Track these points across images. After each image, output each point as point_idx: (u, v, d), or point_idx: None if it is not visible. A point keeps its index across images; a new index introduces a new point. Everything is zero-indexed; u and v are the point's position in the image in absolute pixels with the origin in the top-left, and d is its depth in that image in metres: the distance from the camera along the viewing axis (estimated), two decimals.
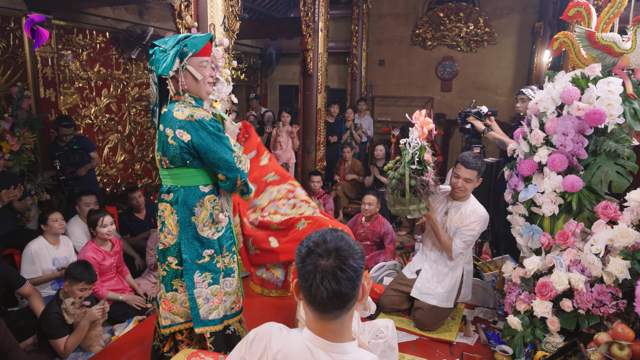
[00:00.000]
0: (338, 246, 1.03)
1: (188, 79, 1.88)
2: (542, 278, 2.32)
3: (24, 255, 3.16)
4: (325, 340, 1.07)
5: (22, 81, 4.19)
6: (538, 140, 2.52)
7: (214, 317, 2.01)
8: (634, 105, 2.30)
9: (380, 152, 5.68)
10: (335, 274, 1.01)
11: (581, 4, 2.51)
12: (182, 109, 1.83)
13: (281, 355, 1.09)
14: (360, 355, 1.09)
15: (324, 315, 1.06)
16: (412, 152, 2.46)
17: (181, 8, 3.02)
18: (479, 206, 2.73)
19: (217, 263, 2.01)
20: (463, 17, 7.35)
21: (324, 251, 1.03)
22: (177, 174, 1.92)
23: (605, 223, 2.20)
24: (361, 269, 1.05)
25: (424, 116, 2.48)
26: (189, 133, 1.81)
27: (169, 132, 1.84)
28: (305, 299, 1.07)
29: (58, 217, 3.26)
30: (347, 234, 1.10)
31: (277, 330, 1.14)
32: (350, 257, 1.03)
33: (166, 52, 1.84)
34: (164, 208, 1.95)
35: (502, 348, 2.41)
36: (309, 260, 1.03)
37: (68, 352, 2.57)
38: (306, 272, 1.03)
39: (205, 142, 1.82)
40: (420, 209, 2.53)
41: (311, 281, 1.02)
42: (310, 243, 1.05)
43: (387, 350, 2.17)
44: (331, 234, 1.07)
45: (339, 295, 1.01)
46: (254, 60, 8.51)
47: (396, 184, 2.52)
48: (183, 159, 1.87)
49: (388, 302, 2.93)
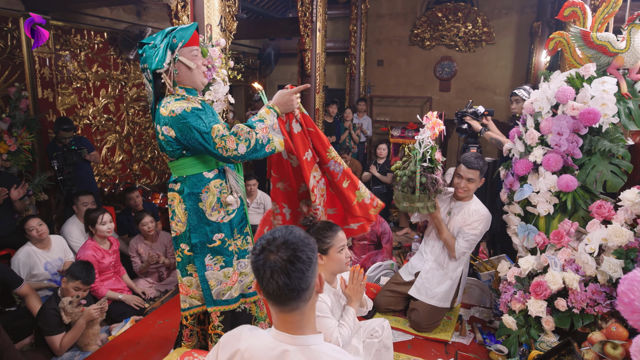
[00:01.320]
0: (286, 240, 1.07)
1: (182, 70, 1.89)
2: (537, 277, 2.32)
3: (12, 264, 3.13)
4: (288, 334, 1.10)
5: (20, 82, 4.19)
6: (533, 140, 2.53)
7: (227, 298, 2.05)
8: (628, 105, 2.30)
9: (383, 152, 5.67)
10: (284, 267, 1.04)
11: (576, 4, 2.51)
12: (167, 105, 1.83)
13: (248, 354, 1.11)
14: (325, 348, 1.11)
15: (282, 307, 1.09)
16: (423, 151, 2.52)
17: (178, 8, 3.02)
18: (482, 206, 2.75)
19: (229, 246, 2.04)
20: (461, 17, 7.35)
21: (274, 247, 1.07)
22: (179, 165, 1.95)
23: (599, 222, 2.21)
24: (310, 260, 1.07)
25: (436, 117, 2.55)
26: (172, 128, 1.81)
27: (159, 129, 1.87)
28: (262, 293, 1.10)
29: (34, 224, 3.14)
30: (298, 228, 1.13)
31: (247, 331, 1.17)
32: (298, 250, 1.06)
33: (156, 47, 1.84)
34: (172, 197, 2.00)
35: (497, 347, 2.42)
36: (261, 257, 1.07)
37: (63, 350, 2.58)
38: (257, 268, 1.07)
39: (187, 136, 1.79)
40: (429, 206, 2.57)
41: (262, 275, 1.06)
42: (263, 241, 1.09)
43: (382, 349, 2.18)
44: (282, 230, 1.10)
45: (290, 287, 1.05)
46: (253, 60, 8.51)
47: (407, 181, 2.56)
48: (178, 151, 1.89)
49: (384, 303, 2.94)
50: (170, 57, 1.84)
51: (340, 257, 1.99)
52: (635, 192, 2.08)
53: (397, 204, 2.67)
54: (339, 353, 1.12)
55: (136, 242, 3.77)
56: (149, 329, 2.81)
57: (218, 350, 1.19)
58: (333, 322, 1.86)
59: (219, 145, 1.77)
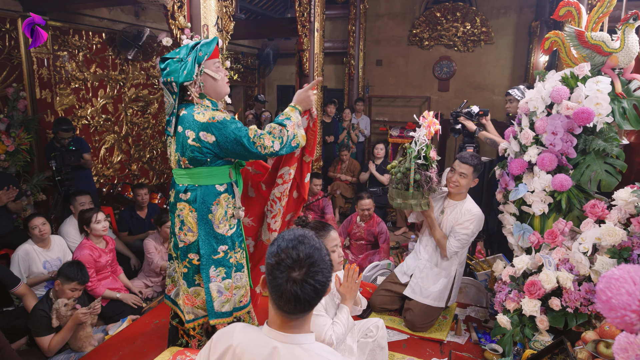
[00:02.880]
0: (311, 261, 1.06)
1: (208, 81, 2.02)
2: (531, 277, 2.32)
3: (12, 260, 3.15)
4: (280, 331, 1.11)
5: (18, 82, 4.20)
6: (528, 140, 2.53)
7: (225, 310, 2.11)
8: (622, 104, 2.30)
9: (380, 151, 5.68)
10: (303, 286, 1.05)
11: (571, 4, 2.52)
12: (203, 112, 1.94)
13: (239, 350, 1.12)
14: (315, 347, 1.12)
15: (287, 315, 1.10)
16: (418, 148, 2.55)
17: (174, 9, 3.03)
18: (474, 206, 2.75)
19: (230, 258, 2.11)
20: (460, 17, 7.35)
21: (296, 263, 1.06)
22: (196, 173, 2.01)
23: (593, 222, 2.21)
24: (328, 282, 1.10)
25: (432, 117, 2.57)
26: (212, 134, 1.91)
27: (190, 134, 1.93)
28: (271, 297, 1.11)
29: (37, 223, 3.15)
30: (320, 243, 1.12)
31: (240, 328, 1.18)
32: (320, 272, 1.07)
33: (182, 61, 1.97)
34: (182, 207, 2.04)
35: (492, 347, 2.42)
36: (279, 273, 1.06)
37: (52, 351, 2.58)
38: (278, 284, 1.06)
39: (228, 138, 1.91)
40: (422, 204, 2.58)
41: (281, 291, 1.06)
42: (281, 253, 1.07)
43: (376, 349, 2.19)
44: (303, 244, 1.08)
45: (304, 302, 1.06)
46: (252, 60, 8.52)
47: (401, 177, 2.59)
48: (204, 159, 1.96)
49: (379, 302, 2.94)
50: (197, 69, 1.97)
51: (334, 257, 1.99)
52: (629, 191, 2.08)
53: (391, 201, 2.70)
54: (328, 353, 1.13)
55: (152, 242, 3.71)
56: (145, 328, 2.82)
57: (211, 346, 1.20)
58: (327, 320, 1.87)
59: (258, 144, 1.92)
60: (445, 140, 7.68)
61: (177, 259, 2.15)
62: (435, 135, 2.60)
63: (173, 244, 2.17)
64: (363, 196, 3.99)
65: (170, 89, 1.99)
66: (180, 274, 2.14)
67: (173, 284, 2.34)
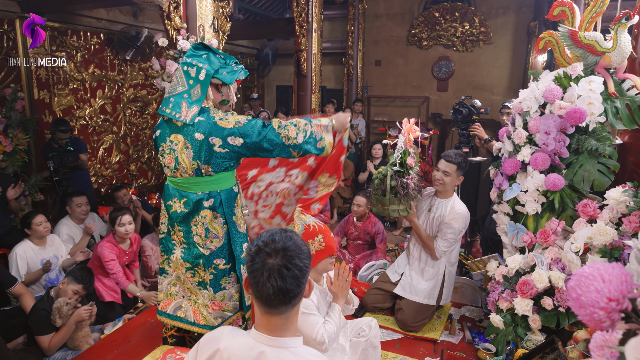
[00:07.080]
0: (286, 246, 1.09)
1: (230, 92, 2.10)
2: (524, 276, 2.32)
3: (10, 260, 3.17)
4: (268, 335, 1.11)
5: (16, 83, 4.22)
6: (521, 139, 2.54)
7: (249, 304, 2.22)
8: (615, 104, 2.30)
9: (378, 152, 5.68)
10: (281, 272, 1.06)
11: (565, 3, 2.52)
12: (225, 117, 1.97)
13: (227, 353, 1.13)
14: (302, 351, 1.12)
15: (270, 310, 1.10)
16: (395, 155, 2.55)
17: (170, 9, 3.04)
18: (460, 204, 2.76)
19: None
20: (458, 17, 7.36)
21: (272, 250, 1.08)
22: (217, 179, 2.03)
23: (585, 221, 2.21)
24: (306, 268, 1.10)
25: (412, 124, 2.58)
26: (240, 137, 1.93)
27: (215, 141, 1.93)
28: (254, 294, 1.11)
29: (42, 219, 3.22)
30: (296, 234, 1.15)
31: (228, 331, 1.19)
32: (296, 257, 1.08)
33: (228, 65, 2.05)
34: (205, 214, 2.04)
35: (485, 346, 2.43)
36: (257, 259, 1.08)
37: (52, 350, 2.59)
38: (254, 270, 1.08)
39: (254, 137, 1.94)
40: (400, 210, 2.59)
41: (258, 278, 1.07)
42: (260, 242, 1.10)
43: (369, 348, 2.19)
44: (280, 234, 1.12)
45: (284, 292, 1.07)
46: (251, 61, 8.54)
47: (378, 183, 2.60)
48: (229, 163, 1.99)
49: (371, 301, 2.95)
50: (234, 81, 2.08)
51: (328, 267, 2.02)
52: (620, 190, 2.08)
53: (372, 207, 2.73)
54: (316, 357, 1.13)
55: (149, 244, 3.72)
56: (140, 328, 2.83)
57: (198, 348, 1.21)
58: (319, 319, 1.87)
59: (283, 135, 1.95)
60: (444, 140, 7.69)
61: (192, 269, 2.10)
62: (419, 141, 2.61)
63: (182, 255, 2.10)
64: (359, 194, 4.03)
65: (191, 72, 1.96)
66: (203, 283, 2.10)
67: (170, 298, 2.23)
